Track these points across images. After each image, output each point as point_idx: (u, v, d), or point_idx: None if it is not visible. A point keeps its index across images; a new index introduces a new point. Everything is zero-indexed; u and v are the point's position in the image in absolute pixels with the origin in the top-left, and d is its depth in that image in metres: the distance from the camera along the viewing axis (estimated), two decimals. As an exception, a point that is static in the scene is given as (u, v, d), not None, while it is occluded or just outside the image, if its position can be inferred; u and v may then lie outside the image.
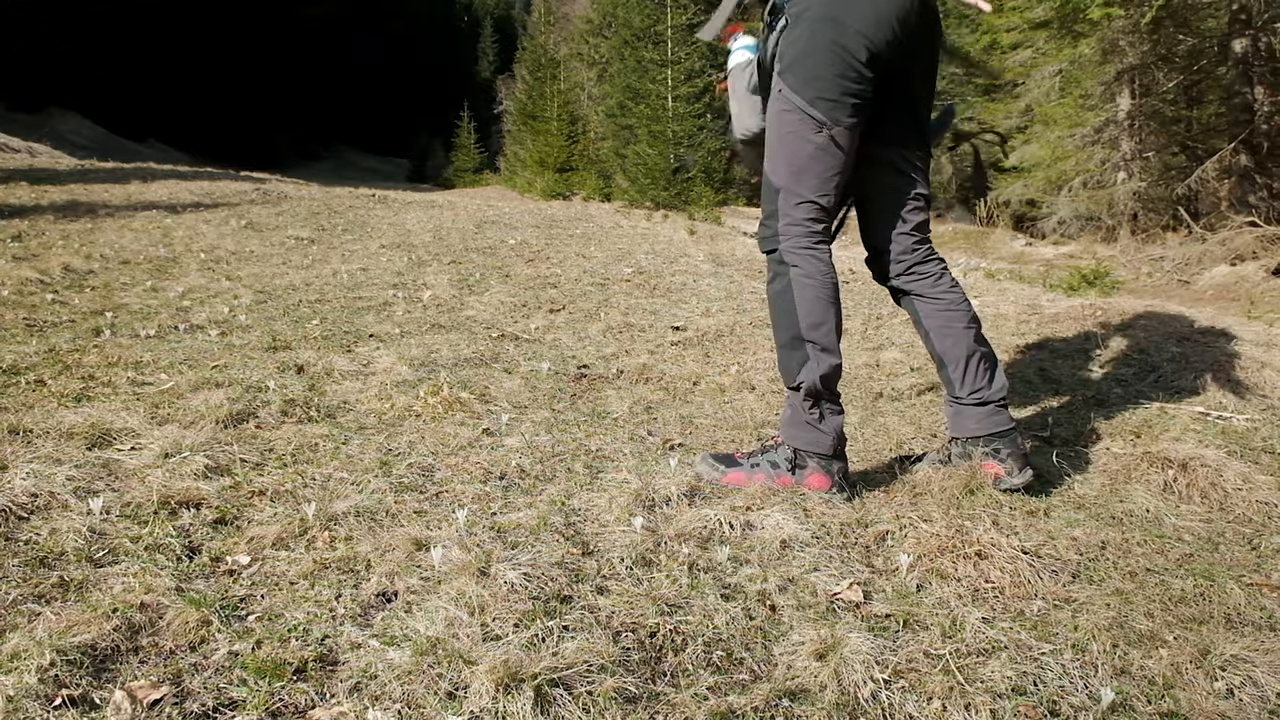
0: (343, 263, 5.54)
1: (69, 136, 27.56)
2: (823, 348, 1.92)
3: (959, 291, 2.06)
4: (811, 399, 1.93)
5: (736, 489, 1.91)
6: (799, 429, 1.95)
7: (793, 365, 1.94)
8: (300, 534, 1.62)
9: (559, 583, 1.46)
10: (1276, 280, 8.85)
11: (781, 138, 1.92)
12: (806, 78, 1.84)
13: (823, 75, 1.83)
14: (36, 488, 1.69)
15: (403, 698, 1.14)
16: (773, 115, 1.94)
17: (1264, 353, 3.21)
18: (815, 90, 1.84)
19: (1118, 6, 10.33)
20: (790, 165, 1.91)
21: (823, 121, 1.85)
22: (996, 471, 1.98)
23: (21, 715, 1.06)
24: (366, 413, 2.50)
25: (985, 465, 2.00)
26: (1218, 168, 11.71)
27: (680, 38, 19.09)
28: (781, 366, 1.99)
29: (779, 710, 1.17)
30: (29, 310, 3.68)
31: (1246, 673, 1.30)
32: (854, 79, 1.82)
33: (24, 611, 1.30)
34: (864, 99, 1.86)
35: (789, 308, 1.93)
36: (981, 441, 2.01)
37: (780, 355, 1.99)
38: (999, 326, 4.03)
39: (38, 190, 8.64)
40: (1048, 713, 1.20)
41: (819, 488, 1.91)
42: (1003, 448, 2.00)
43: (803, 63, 1.85)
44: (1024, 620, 1.43)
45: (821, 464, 1.93)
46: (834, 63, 1.82)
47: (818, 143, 1.87)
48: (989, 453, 2.00)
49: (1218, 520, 1.95)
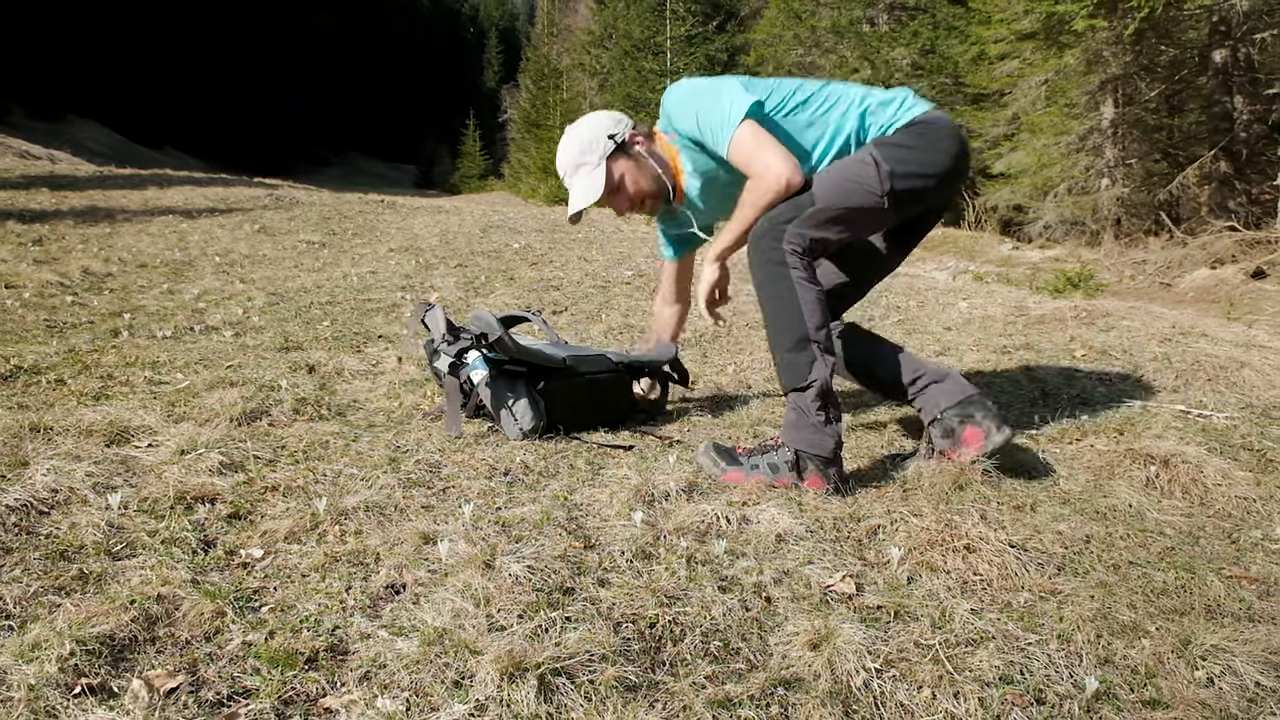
0: (352, 266, 5.54)
1: (88, 144, 27.55)
2: (825, 349, 1.91)
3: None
4: (821, 399, 1.89)
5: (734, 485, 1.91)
6: (803, 431, 1.91)
7: (801, 366, 1.89)
8: (312, 528, 1.62)
9: (561, 575, 1.46)
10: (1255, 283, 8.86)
11: (847, 178, 1.97)
12: (902, 159, 1.96)
13: (912, 164, 1.97)
14: (57, 483, 1.69)
15: (411, 686, 1.14)
16: (853, 160, 2.00)
17: (1243, 353, 3.22)
18: (903, 169, 1.96)
19: (1102, 18, 10.34)
20: (836, 201, 1.95)
21: (888, 193, 1.94)
22: (979, 438, 1.98)
23: (43, 703, 1.06)
24: (375, 411, 2.50)
25: (966, 434, 2.00)
26: (1198, 174, 11.72)
27: (679, 49, 19.11)
28: (786, 369, 1.92)
29: (774, 698, 1.17)
30: (49, 312, 3.68)
31: (1226, 662, 1.30)
32: (928, 181, 2.01)
33: (45, 603, 1.31)
34: (919, 200, 2.02)
35: (794, 310, 1.89)
36: (955, 410, 2.02)
37: (785, 359, 1.92)
38: (987, 327, 4.03)
39: (58, 196, 8.64)
40: (1034, 701, 1.20)
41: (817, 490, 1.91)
42: (976, 411, 2.01)
43: (906, 151, 1.98)
44: (1011, 611, 1.43)
45: (820, 468, 1.91)
46: (931, 162, 2.00)
47: (870, 204, 1.95)
48: (965, 418, 2.01)
49: (1198, 515, 1.95)
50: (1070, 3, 10.37)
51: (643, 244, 7.76)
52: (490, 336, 2.23)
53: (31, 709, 1.05)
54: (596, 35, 26.95)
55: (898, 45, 16.42)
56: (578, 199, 2.12)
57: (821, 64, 18.20)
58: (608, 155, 2.10)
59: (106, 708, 1.06)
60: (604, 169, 2.10)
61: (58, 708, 1.06)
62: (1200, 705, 1.20)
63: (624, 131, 2.13)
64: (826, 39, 17.80)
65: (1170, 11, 10.46)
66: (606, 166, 2.10)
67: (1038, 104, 12.86)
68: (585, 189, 2.11)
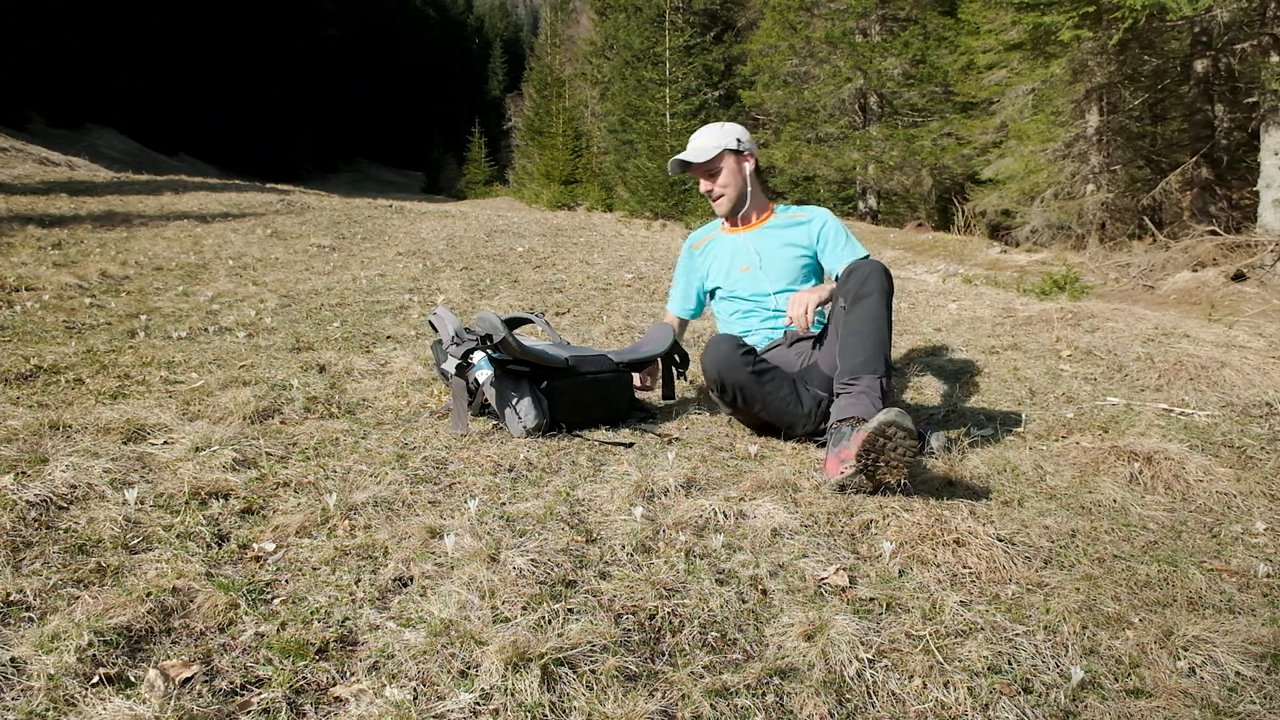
0: (362, 269, 5.54)
1: (105, 151, 27.53)
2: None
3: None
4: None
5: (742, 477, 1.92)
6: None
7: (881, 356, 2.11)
8: (322, 523, 1.62)
9: (564, 568, 1.46)
10: (1235, 285, 8.86)
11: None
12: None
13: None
14: (75, 479, 1.69)
15: (418, 676, 1.14)
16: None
17: (1223, 353, 3.21)
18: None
19: (1087, 29, 10.33)
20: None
21: None
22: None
23: (62, 692, 1.06)
24: (384, 409, 2.50)
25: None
26: (1180, 180, 11.72)
27: (677, 59, 19.10)
28: (878, 356, 2.09)
29: (770, 688, 1.17)
30: (68, 313, 3.68)
31: (1207, 652, 1.30)
32: None
33: (64, 595, 1.30)
34: None
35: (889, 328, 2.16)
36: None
37: (883, 347, 2.11)
38: (975, 328, 4.03)
39: (76, 201, 8.64)
40: (1021, 690, 1.20)
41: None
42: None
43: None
44: (999, 603, 1.43)
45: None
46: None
47: None
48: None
49: (1180, 510, 1.95)
50: (1056, 14, 10.36)
51: (642, 248, 7.76)
52: (495, 337, 2.24)
53: (51, 698, 1.05)
54: (598, 46, 26.92)
55: (889, 55, 16.41)
56: (690, 153, 2.63)
57: (816, 74, 18.20)
58: (727, 148, 2.62)
59: (123, 697, 1.07)
60: (719, 151, 2.62)
61: (76, 697, 1.06)
62: (1182, 694, 1.20)
63: (748, 146, 2.66)
64: (820, 49, 17.79)
65: (1153, 23, 10.46)
66: (721, 152, 2.62)
67: (1025, 112, 12.86)
68: (698, 150, 2.62)
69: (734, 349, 2.22)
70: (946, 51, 15.61)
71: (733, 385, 2.23)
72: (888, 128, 17.74)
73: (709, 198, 2.68)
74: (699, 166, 2.63)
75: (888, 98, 18.33)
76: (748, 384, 2.22)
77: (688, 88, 18.98)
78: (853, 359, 2.09)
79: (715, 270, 2.73)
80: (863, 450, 1.77)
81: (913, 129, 16.94)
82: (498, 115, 52.27)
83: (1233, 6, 10.15)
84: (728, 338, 2.25)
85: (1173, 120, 13.15)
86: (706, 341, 2.32)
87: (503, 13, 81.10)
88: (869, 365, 2.06)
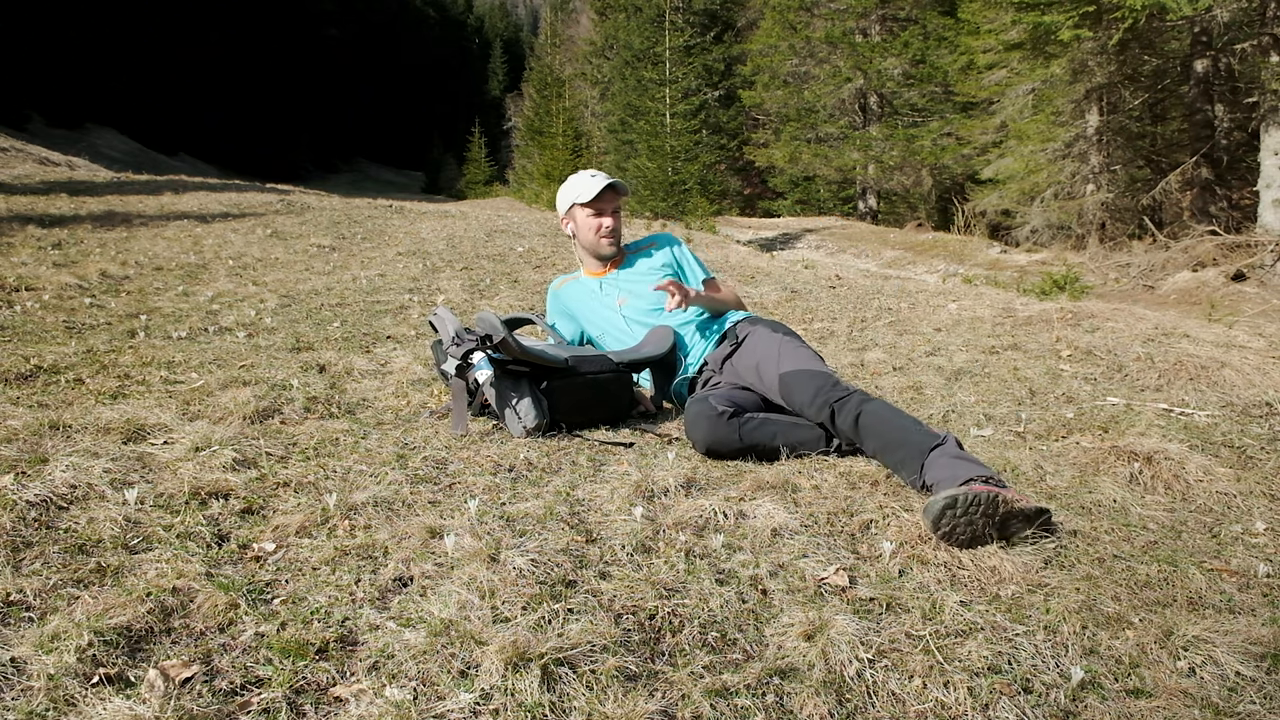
0: (362, 269, 5.54)
1: (105, 151, 27.52)
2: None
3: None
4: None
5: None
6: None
7: (924, 437, 1.92)
8: (322, 523, 1.62)
9: (564, 568, 1.46)
10: (1235, 285, 8.87)
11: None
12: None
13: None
14: (75, 479, 1.69)
15: (418, 676, 1.14)
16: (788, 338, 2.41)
17: (1223, 353, 3.22)
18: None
19: (1087, 29, 10.33)
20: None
21: None
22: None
23: (62, 692, 1.06)
24: (384, 409, 2.50)
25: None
26: (1180, 180, 11.72)
27: (677, 59, 19.09)
28: (916, 446, 1.91)
29: (770, 687, 1.17)
30: (68, 313, 3.68)
31: (1207, 652, 1.30)
32: None
33: (64, 595, 1.30)
34: None
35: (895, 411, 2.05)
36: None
37: (917, 438, 1.93)
38: (975, 328, 4.03)
39: (77, 201, 8.64)
40: (1021, 690, 1.20)
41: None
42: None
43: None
44: (999, 603, 1.43)
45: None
46: None
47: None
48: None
49: (1180, 510, 1.95)
50: (1056, 14, 10.36)
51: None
52: (495, 338, 2.24)
53: (51, 698, 1.05)
54: (598, 46, 26.94)
55: (889, 55, 16.42)
56: (616, 183, 2.69)
57: (816, 74, 18.19)
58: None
59: (123, 697, 1.06)
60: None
61: (76, 696, 1.06)
62: (1182, 694, 1.20)
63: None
64: (820, 49, 17.79)
65: (1153, 23, 10.46)
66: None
67: (1025, 112, 12.86)
68: (620, 185, 2.71)
69: (716, 418, 2.13)
70: (946, 51, 15.60)
71: (730, 454, 2.15)
72: (888, 128, 17.72)
73: (605, 233, 2.67)
74: (612, 197, 2.67)
75: (888, 98, 18.31)
76: (746, 445, 2.14)
77: (688, 88, 18.99)
78: (917, 443, 1.93)
79: (587, 316, 2.72)
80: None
81: (913, 129, 16.92)
82: (498, 115, 52.25)
83: (1233, 6, 10.14)
84: (700, 408, 2.16)
85: (1173, 120, 13.15)
86: (684, 416, 2.26)
87: (503, 13, 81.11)
88: (930, 438, 1.93)
